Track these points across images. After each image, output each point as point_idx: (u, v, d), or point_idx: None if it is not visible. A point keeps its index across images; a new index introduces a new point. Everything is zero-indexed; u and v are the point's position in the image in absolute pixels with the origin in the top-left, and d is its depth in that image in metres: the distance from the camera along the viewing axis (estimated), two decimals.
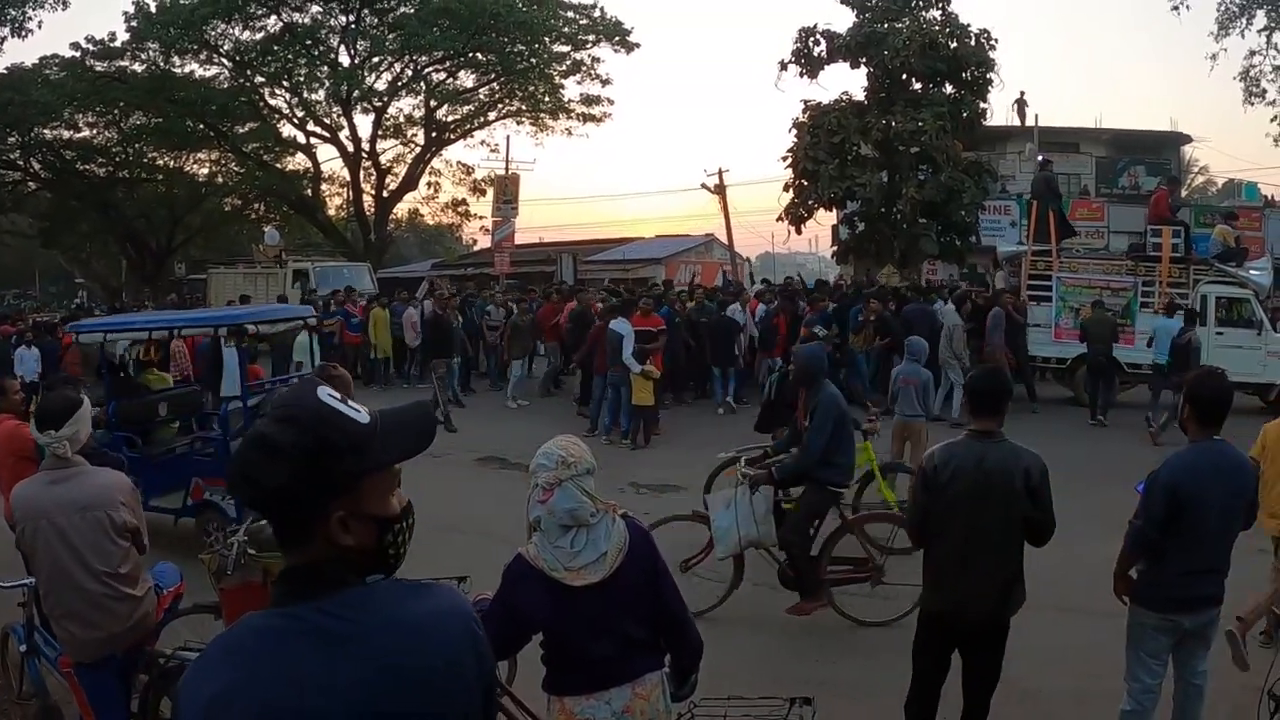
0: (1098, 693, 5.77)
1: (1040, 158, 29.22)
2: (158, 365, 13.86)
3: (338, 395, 1.79)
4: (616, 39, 38.24)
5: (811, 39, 25.76)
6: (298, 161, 43.13)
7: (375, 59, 38.51)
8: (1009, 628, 4.89)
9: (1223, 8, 27.92)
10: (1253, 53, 29.28)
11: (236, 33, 37.48)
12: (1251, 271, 17.36)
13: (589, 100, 40.52)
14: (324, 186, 44.12)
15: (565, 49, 38.55)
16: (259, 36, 37.67)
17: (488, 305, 21.84)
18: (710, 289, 22.69)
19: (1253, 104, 29.74)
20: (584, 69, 39.45)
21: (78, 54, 37.02)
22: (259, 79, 39.05)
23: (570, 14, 37.75)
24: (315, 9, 37.79)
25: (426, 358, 17.69)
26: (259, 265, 31.64)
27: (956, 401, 15.27)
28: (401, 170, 41.76)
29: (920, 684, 5.09)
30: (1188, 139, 41.93)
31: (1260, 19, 28.26)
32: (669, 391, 17.42)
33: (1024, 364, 17.26)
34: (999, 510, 4.68)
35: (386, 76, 39.48)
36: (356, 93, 37.76)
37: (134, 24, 36.06)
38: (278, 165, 41.67)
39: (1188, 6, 27.57)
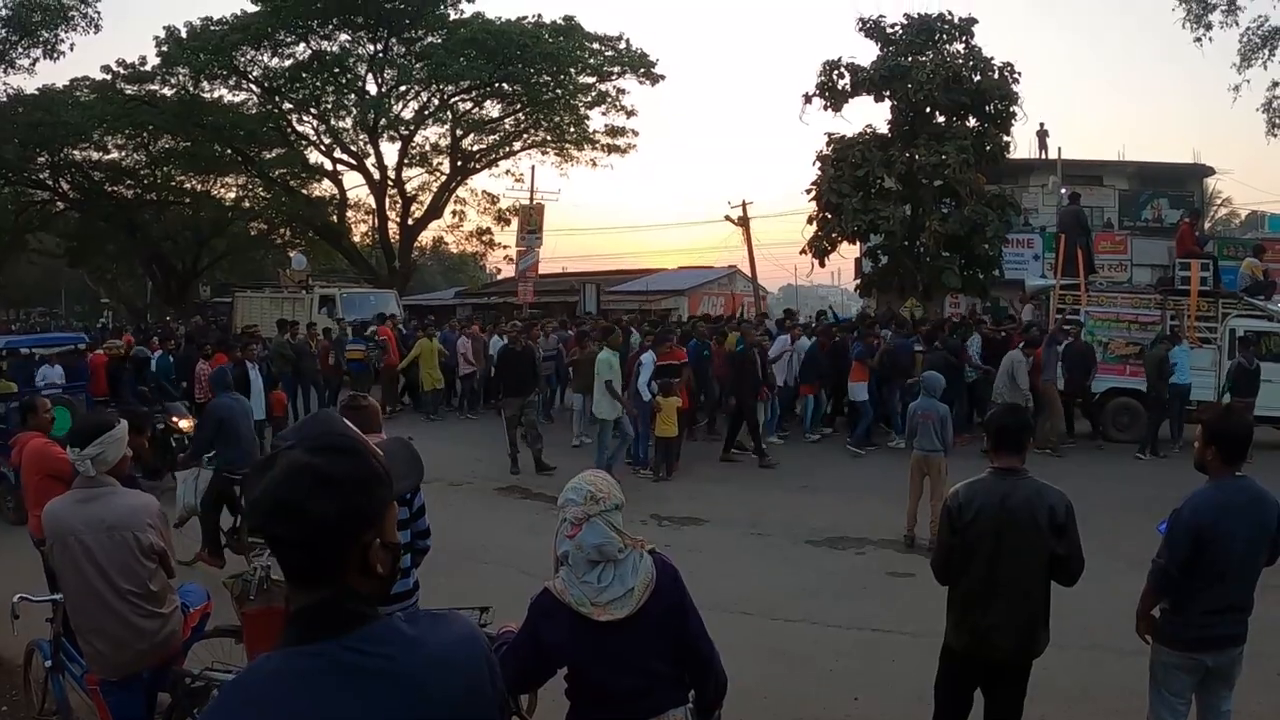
0: None
1: (1064, 190, 29.18)
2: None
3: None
4: (641, 71, 38.47)
5: (835, 72, 25.92)
6: (324, 188, 43.65)
7: (402, 88, 38.88)
8: (1031, 668, 4.85)
9: (1245, 39, 27.77)
10: (1276, 84, 29.04)
11: (265, 59, 38.04)
12: None
13: (614, 131, 40.80)
14: (349, 213, 44.65)
15: (590, 80, 38.82)
16: (288, 64, 38.19)
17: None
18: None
19: (1276, 135, 29.44)
20: (609, 100, 39.74)
21: (108, 77, 37.64)
22: (287, 105, 39.55)
23: (596, 46, 37.99)
24: (344, 38, 38.27)
25: (499, 393, 16.16)
26: (285, 290, 31.72)
27: None
28: (426, 198, 42.12)
29: None
30: (1211, 171, 41.75)
31: None
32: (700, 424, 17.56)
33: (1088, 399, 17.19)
34: (1022, 548, 4.63)
35: (413, 105, 39.94)
36: (383, 121, 38.10)
37: (164, 49, 36.52)
38: (304, 191, 42.05)
39: (1210, 39, 27.36)
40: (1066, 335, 16.86)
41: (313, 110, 39.38)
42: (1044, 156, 38.14)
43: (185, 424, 13.45)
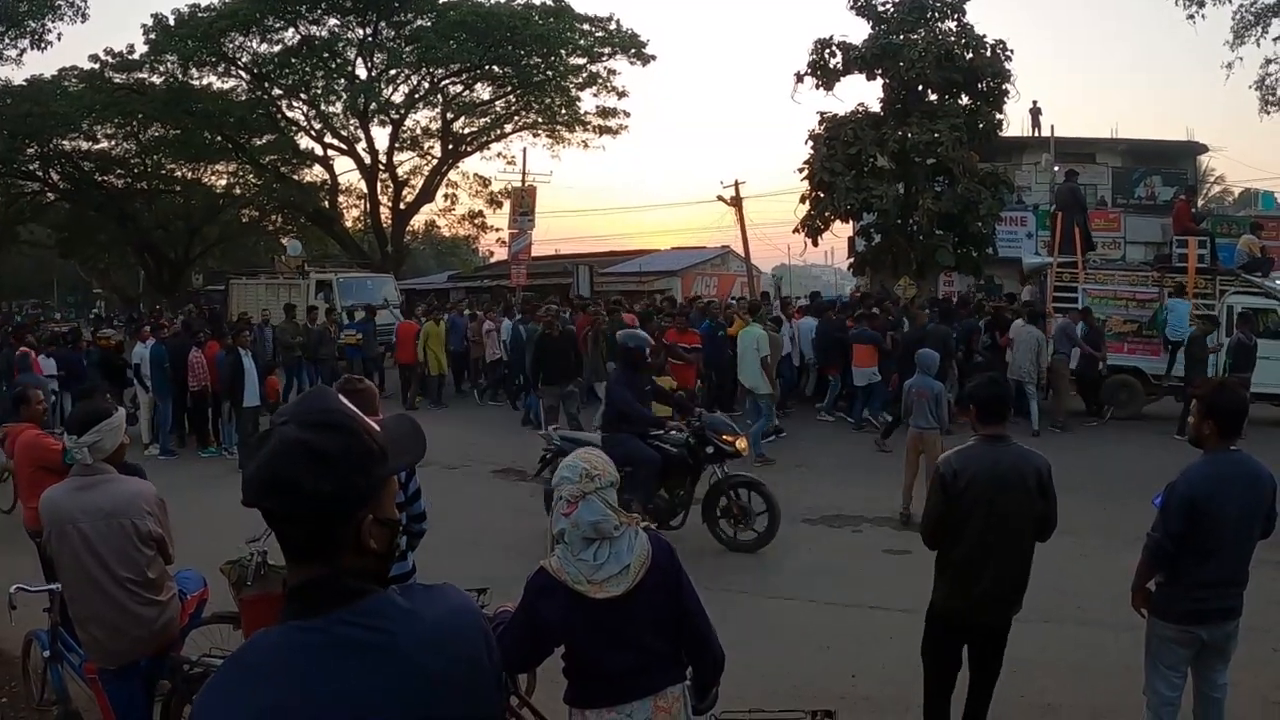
0: (1118, 707, 5.75)
1: (1057, 168, 29.17)
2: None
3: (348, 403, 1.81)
4: (632, 51, 38.35)
5: (827, 51, 25.78)
6: (315, 173, 43.55)
7: (392, 71, 38.77)
8: (1011, 623, 5.09)
9: (1238, 16, 27.79)
10: (1269, 61, 29.10)
11: (254, 45, 37.87)
12: (1278, 281, 17.31)
13: (605, 112, 40.71)
14: (341, 198, 44.47)
15: (581, 61, 38.71)
16: (277, 49, 38.02)
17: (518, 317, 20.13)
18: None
19: (1269, 112, 29.53)
20: (600, 81, 39.64)
21: (96, 66, 37.41)
22: (276, 91, 39.43)
23: (586, 27, 37.86)
24: (333, 22, 38.11)
25: (539, 382, 14.99)
26: (281, 276, 31.53)
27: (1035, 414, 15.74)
28: (418, 182, 42.05)
29: (936, 683, 5.22)
30: (1204, 148, 41.75)
31: (1276, 27, 28.14)
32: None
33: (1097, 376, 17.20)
34: (1015, 510, 4.85)
35: (403, 89, 39.86)
36: (374, 105, 37.96)
37: (152, 36, 36.37)
38: (295, 177, 41.94)
39: (1203, 16, 27.40)
40: (1081, 318, 16.90)
41: (302, 96, 39.25)
42: (1037, 134, 38.08)
43: (741, 444, 9.87)
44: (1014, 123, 32.36)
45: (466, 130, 41.35)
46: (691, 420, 9.63)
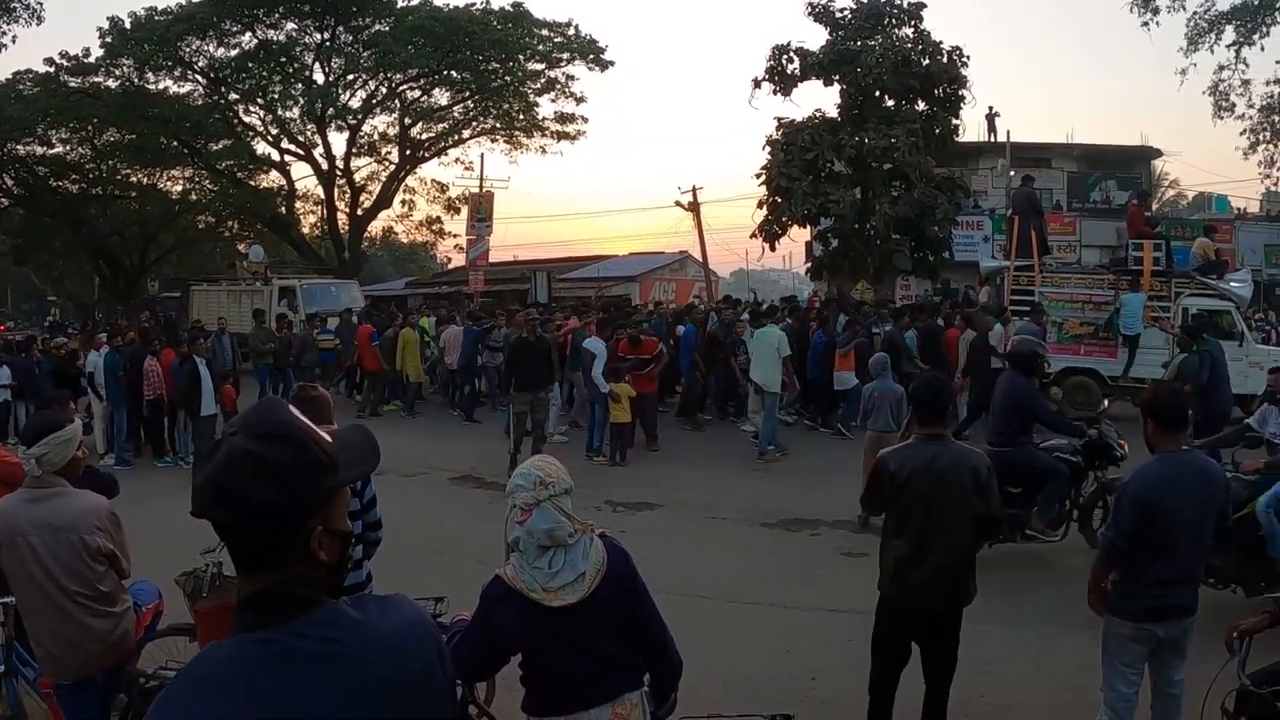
0: (1077, 705, 5.80)
1: (1013, 172, 29.47)
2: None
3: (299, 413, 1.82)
4: (590, 57, 38.28)
5: (785, 57, 25.98)
6: (272, 179, 43.03)
7: (350, 76, 38.47)
8: (962, 617, 5.20)
9: (1192, 24, 28.32)
10: (1222, 67, 29.76)
11: (211, 49, 37.41)
12: (1232, 284, 17.52)
13: (563, 118, 40.60)
14: (298, 204, 44.02)
15: (539, 67, 38.56)
16: (234, 53, 37.54)
17: (488, 324, 19.41)
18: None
19: (1222, 118, 30.18)
20: (558, 87, 39.51)
21: (51, 69, 36.77)
22: (233, 96, 38.99)
23: (545, 32, 37.74)
24: (290, 26, 37.72)
25: (507, 388, 14.68)
26: (243, 283, 31.12)
27: None
28: (376, 188, 41.66)
29: (880, 673, 5.34)
30: (1158, 153, 42.37)
31: (1229, 34, 28.75)
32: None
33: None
34: (952, 506, 5.00)
35: (361, 94, 39.51)
36: (331, 110, 37.62)
37: (108, 40, 35.85)
38: (251, 183, 41.45)
39: (1158, 23, 27.92)
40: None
41: (259, 100, 38.80)
42: (993, 139, 38.47)
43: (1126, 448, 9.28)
44: (970, 128, 32.82)
45: (424, 136, 41.14)
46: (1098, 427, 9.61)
